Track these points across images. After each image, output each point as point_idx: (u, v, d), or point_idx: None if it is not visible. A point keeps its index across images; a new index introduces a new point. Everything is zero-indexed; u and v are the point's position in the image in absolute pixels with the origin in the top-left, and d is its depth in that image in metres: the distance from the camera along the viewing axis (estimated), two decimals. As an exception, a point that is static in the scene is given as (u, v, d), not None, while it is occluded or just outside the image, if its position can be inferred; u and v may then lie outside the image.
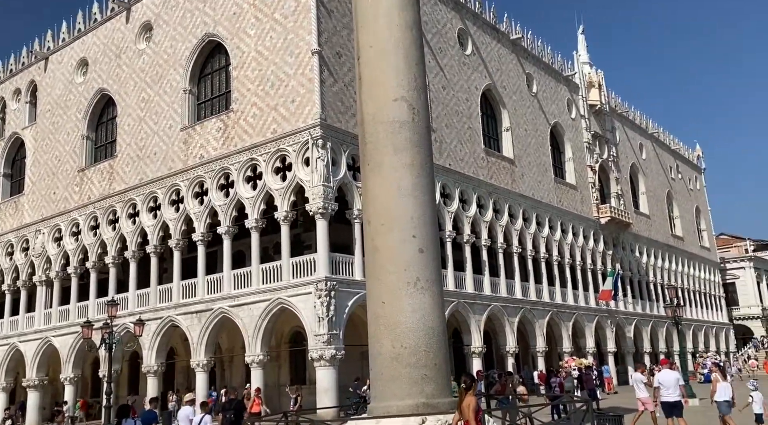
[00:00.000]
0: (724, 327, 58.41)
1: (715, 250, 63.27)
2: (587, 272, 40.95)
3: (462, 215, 31.22)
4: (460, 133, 32.55)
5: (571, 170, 42.16)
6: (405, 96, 9.89)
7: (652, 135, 54.46)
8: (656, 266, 49.32)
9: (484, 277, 31.81)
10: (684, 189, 59.13)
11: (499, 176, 34.67)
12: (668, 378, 12.97)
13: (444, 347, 9.86)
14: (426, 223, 10.02)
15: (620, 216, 44.45)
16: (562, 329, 36.44)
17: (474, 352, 29.91)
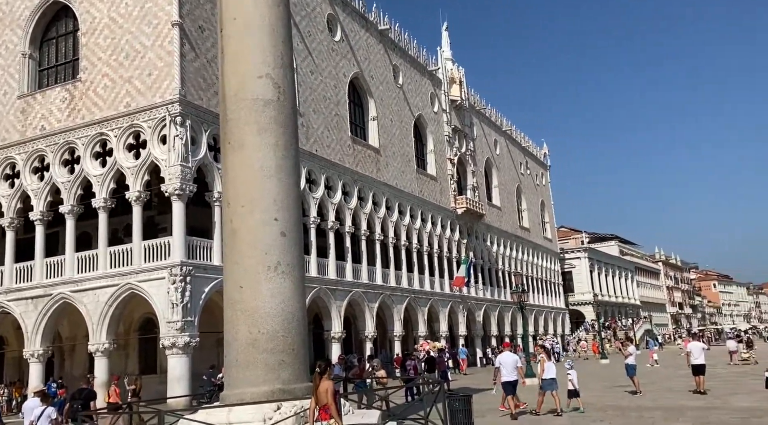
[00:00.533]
0: (561, 311, 64.19)
1: (556, 241, 69.17)
2: (443, 260, 42.90)
3: (327, 201, 31.23)
4: (328, 119, 32.47)
5: (432, 162, 43.79)
6: (270, 74, 9.58)
7: (506, 132, 58.14)
8: (505, 255, 52.89)
9: (346, 263, 32.13)
10: (532, 184, 63.90)
11: (364, 165, 35.10)
12: (508, 359, 14.03)
13: (303, 332, 9.75)
14: (289, 206, 9.82)
15: (475, 207, 47.02)
16: (419, 314, 37.88)
17: (334, 337, 30.15)
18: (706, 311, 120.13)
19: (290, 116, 10.01)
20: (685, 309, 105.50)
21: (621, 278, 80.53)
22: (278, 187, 9.55)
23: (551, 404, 13.53)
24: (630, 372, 16.84)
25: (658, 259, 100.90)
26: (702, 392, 15.85)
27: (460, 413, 10.27)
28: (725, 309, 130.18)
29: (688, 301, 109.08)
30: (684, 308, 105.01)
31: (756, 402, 13.48)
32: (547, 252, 63.57)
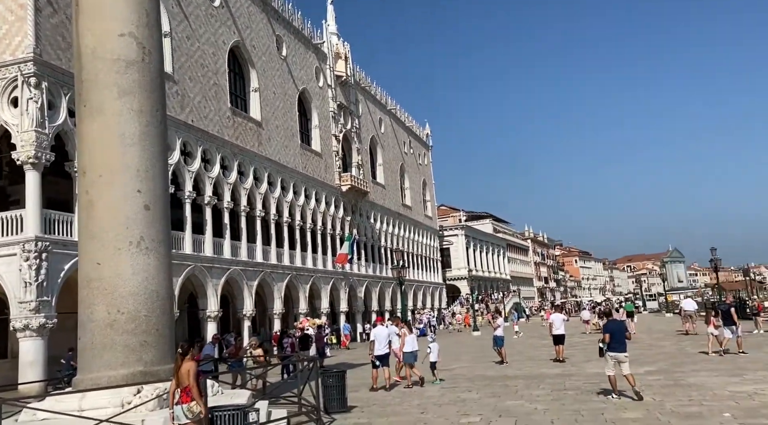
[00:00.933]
0: (439, 286, 66.65)
1: (436, 219, 71.43)
2: (327, 237, 42.80)
3: (204, 175, 29.89)
4: (206, 88, 30.94)
5: (317, 138, 43.28)
6: (134, 32, 8.82)
7: (390, 111, 58.75)
8: (387, 232, 53.81)
9: (224, 240, 31.05)
10: (414, 163, 65.30)
11: (245, 138, 33.94)
12: (380, 333, 14.27)
13: (169, 312, 9.22)
14: (155, 177, 9.20)
15: (359, 185, 47.23)
16: (300, 291, 37.61)
17: (210, 316, 29.15)
18: (568, 285, 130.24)
19: (156, 79, 9.31)
20: (550, 283, 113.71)
21: (494, 255, 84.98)
22: (142, 156, 8.88)
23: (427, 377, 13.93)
24: (498, 344, 17.75)
25: (528, 236, 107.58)
26: (561, 360, 17.07)
27: (333, 389, 10.25)
28: (584, 283, 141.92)
29: (553, 276, 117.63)
30: (549, 283, 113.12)
31: (603, 368, 14.71)
32: (427, 230, 65.49)
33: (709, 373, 12.50)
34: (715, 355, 16.09)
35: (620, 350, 10.48)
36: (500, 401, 10.66)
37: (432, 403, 10.93)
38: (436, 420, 9.19)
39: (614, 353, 10.50)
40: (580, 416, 8.74)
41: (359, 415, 10.07)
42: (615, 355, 10.48)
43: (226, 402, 8.25)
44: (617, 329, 10.82)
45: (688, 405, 9.12)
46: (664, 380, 11.99)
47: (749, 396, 9.50)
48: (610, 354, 10.58)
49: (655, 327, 30.47)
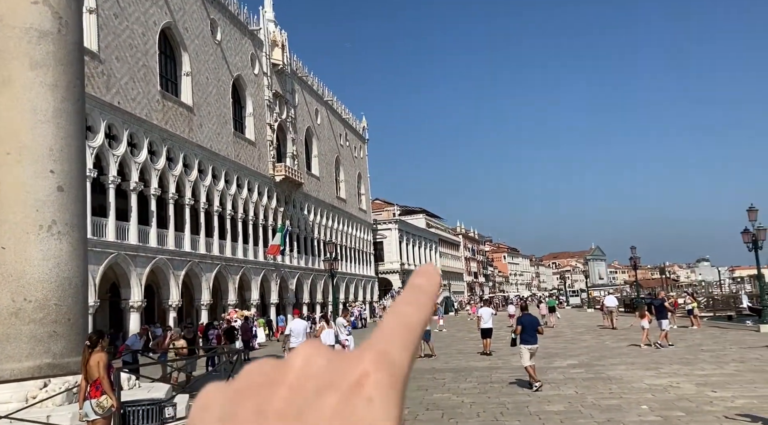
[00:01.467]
0: (371, 279, 66.80)
1: (370, 212, 71.49)
2: (258, 228, 41.97)
3: (130, 159, 28.62)
4: (134, 70, 29.59)
5: (251, 126, 42.30)
6: (49, 1, 8.18)
7: (327, 102, 58.20)
8: (321, 224, 53.37)
9: (150, 228, 29.88)
10: (350, 156, 65.02)
11: (175, 123, 32.72)
12: (297, 326, 14.10)
13: (83, 301, 8.68)
14: (71, 157, 8.60)
15: (294, 176, 46.55)
16: (229, 282, 36.73)
17: (133, 307, 28.01)
18: (496, 280, 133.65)
19: (74, 53, 8.69)
20: (480, 278, 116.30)
21: (426, 249, 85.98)
22: (56, 134, 8.28)
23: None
24: (425, 337, 17.83)
25: (459, 232, 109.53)
26: (488, 353, 17.36)
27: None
28: (512, 278, 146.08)
29: (482, 271, 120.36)
30: (479, 277, 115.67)
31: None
32: (361, 223, 65.42)
33: (627, 367, 12.98)
34: (647, 347, 16.82)
35: (532, 342, 11.02)
36: (427, 394, 10.65)
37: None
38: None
39: (528, 345, 10.98)
40: (506, 409, 8.83)
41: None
42: (530, 348, 10.98)
43: (143, 396, 7.83)
44: (530, 322, 11.30)
45: (608, 397, 9.39)
46: (585, 373, 12.35)
47: (664, 389, 9.90)
48: (524, 346, 11.01)
49: (577, 322, 31.63)
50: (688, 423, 7.35)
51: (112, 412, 5.50)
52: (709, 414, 7.77)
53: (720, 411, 7.91)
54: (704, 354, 14.51)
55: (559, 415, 8.15)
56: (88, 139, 26.11)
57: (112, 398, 5.44)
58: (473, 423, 7.98)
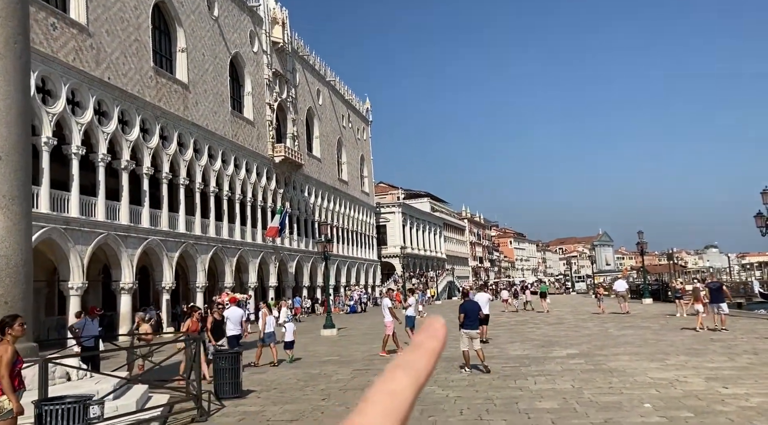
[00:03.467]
0: (374, 263, 66.06)
1: (373, 195, 70.55)
2: (257, 209, 41.20)
3: (121, 137, 27.78)
4: (125, 44, 28.63)
5: (249, 105, 41.33)
6: (-21, -57, 7.25)
7: (329, 83, 57.06)
8: (322, 207, 52.52)
9: (142, 208, 29.12)
10: (353, 138, 63.97)
11: (169, 100, 31.80)
12: (234, 314, 13.80)
13: (24, 281, 7.81)
14: (10, 121, 7.70)
15: (294, 157, 45.63)
16: (226, 264, 36.03)
17: (124, 289, 27.33)
18: (502, 265, 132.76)
19: (13, 4, 7.75)
20: (485, 263, 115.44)
21: (430, 233, 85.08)
22: (-11, 95, 7.37)
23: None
24: (408, 324, 16.76)
25: (465, 216, 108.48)
26: (484, 341, 16.49)
27: (225, 372, 9.13)
28: (518, 264, 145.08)
29: (488, 256, 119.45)
30: (484, 262, 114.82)
31: (526, 351, 14.22)
32: (363, 206, 64.54)
33: (630, 357, 12.10)
34: (702, 331, 16.39)
35: (473, 327, 11.37)
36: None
37: (338, 388, 9.99)
38: (335, 408, 8.24)
39: (467, 330, 11.27)
40: (493, 405, 7.98)
41: (253, 401, 9.02)
42: (468, 332, 11.24)
43: (86, 389, 7.01)
44: (471, 309, 11.67)
45: (607, 393, 8.52)
46: (585, 364, 11.48)
47: (670, 383, 9.01)
48: (464, 331, 11.27)
49: (581, 308, 30.74)
50: (696, 426, 6.46)
51: (11, 416, 4.67)
52: (721, 415, 6.89)
53: (733, 411, 7.02)
54: (714, 345, 13.59)
55: (550, 414, 7.29)
56: (76, 114, 25.30)
57: (12, 400, 4.60)
58: (454, 422, 7.13)
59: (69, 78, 24.70)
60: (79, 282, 24.54)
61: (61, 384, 7.33)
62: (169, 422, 7.57)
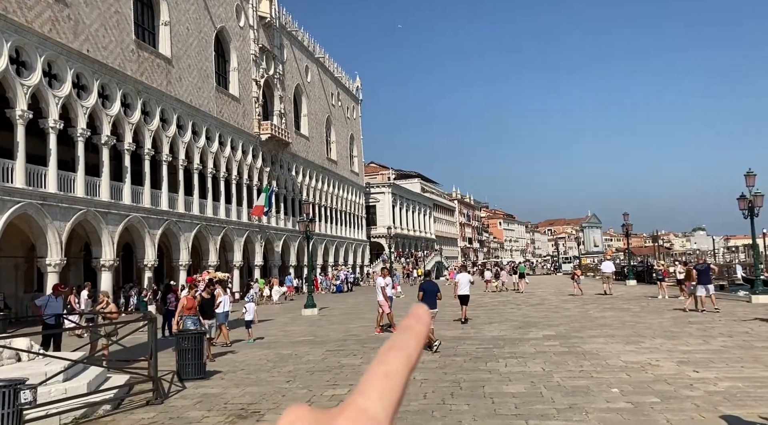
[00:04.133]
0: (363, 243, 65.90)
1: (362, 175, 70.12)
2: (242, 187, 40.79)
3: (101, 112, 27.20)
4: (105, 16, 27.90)
5: (235, 81, 40.65)
6: None
7: (318, 59, 56.23)
8: (310, 186, 52.11)
9: (124, 185, 28.68)
10: (342, 116, 63.32)
11: (152, 75, 31.16)
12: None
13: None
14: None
15: (281, 135, 45.06)
16: (210, 242, 35.72)
17: (104, 266, 26.99)
18: (491, 246, 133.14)
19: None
20: (474, 244, 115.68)
21: (420, 214, 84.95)
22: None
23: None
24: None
25: (455, 197, 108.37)
26: (464, 321, 16.36)
27: (188, 353, 8.89)
28: (507, 245, 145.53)
29: (477, 237, 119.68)
30: (473, 243, 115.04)
31: (502, 332, 14.08)
32: (353, 186, 64.14)
33: (606, 340, 11.97)
34: (692, 312, 16.47)
35: (432, 307, 11.73)
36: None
37: (306, 369, 9.78)
38: (298, 391, 8.04)
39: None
40: (458, 389, 7.80)
41: (216, 383, 8.80)
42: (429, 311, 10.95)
43: (33, 371, 6.74)
44: (430, 289, 12.24)
45: (577, 377, 8.36)
46: (560, 346, 11.34)
47: (642, 367, 8.87)
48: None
49: (565, 289, 30.71)
50: (660, 412, 6.29)
51: None
52: (687, 400, 6.73)
53: (700, 396, 6.87)
54: (691, 327, 13.50)
55: (516, 398, 7.11)
56: (53, 87, 24.68)
57: None
58: (415, 406, 6.93)
59: (45, 49, 24.05)
60: (56, 259, 24.16)
61: (9, 366, 7.07)
62: (124, 405, 7.35)
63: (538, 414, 6.33)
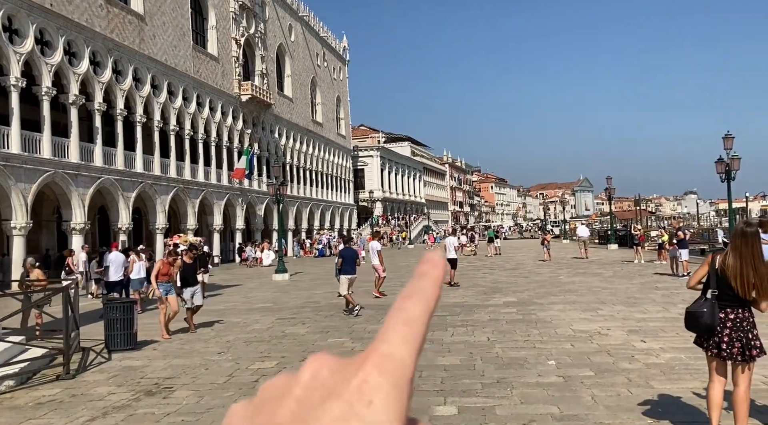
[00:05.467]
0: (350, 207, 65.44)
1: (350, 138, 69.18)
2: (222, 150, 40.03)
3: (68, 70, 26.27)
4: (70, -31, 26.66)
5: (213, 40, 39.44)
6: None
7: (303, 18, 54.69)
8: (294, 149, 51.29)
9: (95, 146, 27.93)
10: (328, 78, 62.00)
11: (123, 32, 30.06)
12: (116, 259, 13.98)
13: None
14: None
15: (262, 96, 44.04)
16: (188, 206, 35.16)
17: (75, 229, 26.46)
18: (482, 209, 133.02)
19: None
20: (465, 208, 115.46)
21: (410, 178, 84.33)
22: None
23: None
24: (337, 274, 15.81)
25: (446, 161, 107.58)
26: (453, 284, 16.00)
27: (117, 322, 8.47)
28: (498, 209, 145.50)
29: (468, 201, 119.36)
30: (464, 207, 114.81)
31: (465, 298, 13.73)
32: (339, 149, 63.31)
33: (564, 307, 11.61)
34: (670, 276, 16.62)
35: (351, 272, 12.11)
36: (322, 338, 9.25)
37: (245, 339, 9.37)
38: (224, 364, 7.63)
39: (346, 275, 12.02)
40: (390, 360, 7.40)
41: (145, 354, 8.38)
42: (349, 277, 12.00)
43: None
44: (349, 255, 12.40)
45: (520, 347, 7.98)
46: (516, 313, 10.97)
47: (590, 336, 8.50)
48: (343, 275, 12.06)
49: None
50: (589, 387, 5.91)
51: None
52: (622, 374, 6.36)
53: (637, 369, 6.50)
54: (656, 293, 13.18)
55: (446, 371, 6.71)
56: (14, 44, 23.69)
57: None
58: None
59: (3, 3, 22.99)
60: (22, 221, 23.60)
61: None
62: (33, 380, 6.93)
63: (460, 390, 5.94)
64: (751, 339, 4.13)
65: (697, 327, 4.22)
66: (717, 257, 4.30)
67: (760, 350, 4.13)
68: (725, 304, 4.16)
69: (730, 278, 4.11)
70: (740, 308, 4.16)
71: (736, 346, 4.10)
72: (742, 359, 4.10)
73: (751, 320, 4.19)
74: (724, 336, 4.13)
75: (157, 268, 9.90)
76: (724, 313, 4.16)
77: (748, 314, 4.19)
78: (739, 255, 4.09)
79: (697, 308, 4.17)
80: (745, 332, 4.12)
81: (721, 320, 4.14)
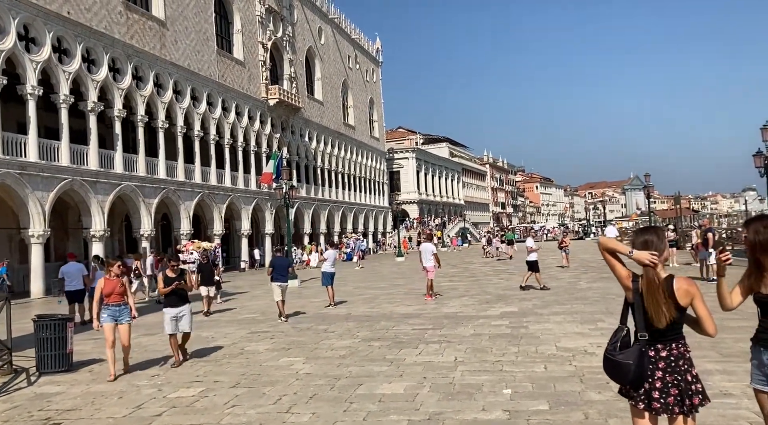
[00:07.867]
0: (384, 210, 64.64)
1: (384, 140, 68.41)
2: (249, 154, 39.90)
3: (86, 77, 26.39)
4: (87, -23, 26.79)
5: (239, 44, 39.36)
6: None
7: (333, 20, 54.28)
8: (325, 153, 50.86)
9: (115, 153, 28.01)
10: (360, 80, 61.41)
11: (143, 38, 30.13)
12: (71, 269, 13.52)
13: None
14: None
15: (290, 99, 43.78)
16: (214, 211, 35.04)
17: (95, 236, 26.52)
18: (527, 210, 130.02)
19: None
20: (507, 209, 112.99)
21: (448, 179, 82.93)
22: None
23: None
24: (324, 282, 14.68)
25: (486, 162, 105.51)
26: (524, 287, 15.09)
27: (49, 342, 7.79)
28: (544, 209, 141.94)
29: (511, 201, 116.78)
30: (506, 208, 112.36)
31: (462, 307, 12.66)
32: (373, 151, 62.63)
33: (564, 318, 10.42)
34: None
35: (282, 280, 12.48)
36: (276, 357, 8.34)
37: (190, 361, 8.55)
38: (144, 391, 6.82)
39: (277, 283, 12.42)
40: (329, 388, 6.35)
41: (72, 378, 7.62)
42: (279, 284, 12.40)
43: None
44: (280, 264, 12.78)
45: (484, 370, 6.89)
46: (505, 328, 9.85)
47: (572, 356, 7.35)
48: (274, 283, 12.45)
49: (577, 257, 28.81)
50: (533, 428, 4.83)
51: None
52: (581, 409, 5.20)
53: (603, 402, 5.35)
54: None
55: (380, 403, 5.72)
56: (31, 52, 23.83)
57: None
58: (252, 415, 5.63)
59: (19, 11, 23.18)
60: (40, 230, 23.70)
61: None
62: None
63: (378, 429, 4.98)
64: (690, 381, 3.06)
65: (621, 380, 3.17)
66: (640, 277, 3.24)
67: (702, 396, 3.06)
68: (653, 340, 3.11)
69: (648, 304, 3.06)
70: (674, 342, 3.10)
71: (672, 394, 3.04)
72: (680, 410, 3.04)
73: (687, 356, 3.12)
74: (656, 381, 3.07)
75: (99, 289, 7.80)
76: (654, 351, 3.11)
77: (683, 349, 3.12)
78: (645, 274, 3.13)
79: (624, 359, 3.10)
80: (683, 374, 3.06)
81: (650, 360, 3.08)
